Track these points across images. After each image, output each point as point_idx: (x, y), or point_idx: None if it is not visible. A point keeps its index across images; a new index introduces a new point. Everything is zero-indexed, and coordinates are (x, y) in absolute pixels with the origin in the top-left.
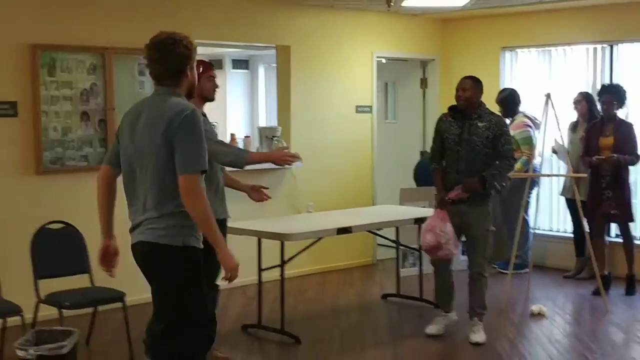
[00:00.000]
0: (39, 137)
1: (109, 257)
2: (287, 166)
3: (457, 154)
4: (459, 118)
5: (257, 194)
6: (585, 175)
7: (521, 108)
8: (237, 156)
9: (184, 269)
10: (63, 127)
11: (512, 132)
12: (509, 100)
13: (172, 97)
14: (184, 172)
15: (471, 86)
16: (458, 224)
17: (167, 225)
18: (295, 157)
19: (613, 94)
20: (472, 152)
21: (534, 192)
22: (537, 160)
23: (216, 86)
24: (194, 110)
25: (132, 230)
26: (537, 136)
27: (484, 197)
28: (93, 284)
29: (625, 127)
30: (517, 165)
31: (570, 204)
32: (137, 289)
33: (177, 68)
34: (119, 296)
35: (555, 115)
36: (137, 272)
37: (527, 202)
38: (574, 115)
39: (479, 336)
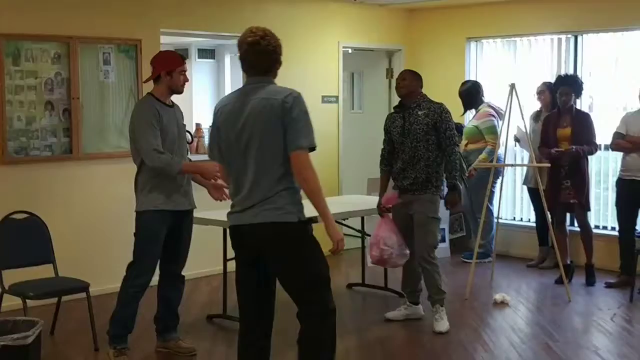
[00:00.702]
0: (3, 126)
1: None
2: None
3: (402, 145)
4: (401, 111)
5: (218, 192)
6: (548, 164)
7: (486, 98)
8: (168, 164)
9: (304, 242)
10: (27, 116)
11: (476, 122)
12: (471, 92)
13: (272, 84)
14: (297, 147)
15: (409, 76)
16: (406, 213)
17: (283, 203)
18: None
19: (570, 85)
20: (414, 141)
21: (498, 181)
22: (501, 150)
23: (186, 80)
24: (299, 93)
25: (238, 212)
26: (501, 126)
27: (427, 184)
28: (57, 274)
29: (582, 118)
30: (482, 155)
31: (533, 193)
32: (101, 280)
33: (274, 60)
34: (83, 286)
35: (520, 105)
36: (101, 263)
37: (492, 192)
38: (537, 105)
39: (441, 325)
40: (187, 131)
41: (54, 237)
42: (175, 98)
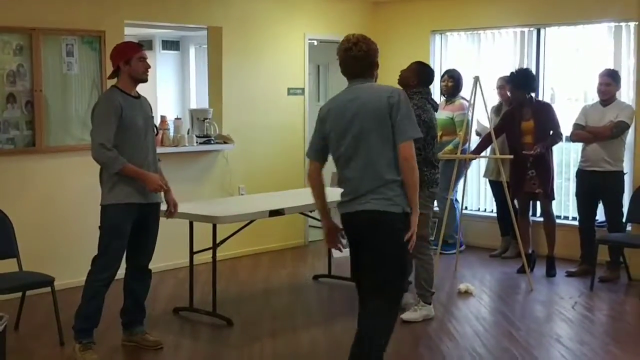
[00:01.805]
0: None
1: (334, 236)
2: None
3: None
4: None
5: (171, 208)
6: (511, 156)
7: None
8: (110, 160)
9: (402, 230)
10: None
11: (451, 114)
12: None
13: (372, 83)
14: (406, 139)
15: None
16: None
17: (393, 194)
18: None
19: (522, 87)
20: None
21: (464, 173)
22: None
23: (148, 67)
24: (402, 89)
25: (348, 201)
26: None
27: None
28: (21, 269)
29: (543, 109)
30: (449, 147)
31: (494, 185)
32: (66, 274)
33: (369, 63)
34: (48, 280)
35: (483, 97)
36: (66, 256)
37: (456, 184)
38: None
39: (409, 314)
40: (153, 123)
41: (18, 231)
42: (139, 89)
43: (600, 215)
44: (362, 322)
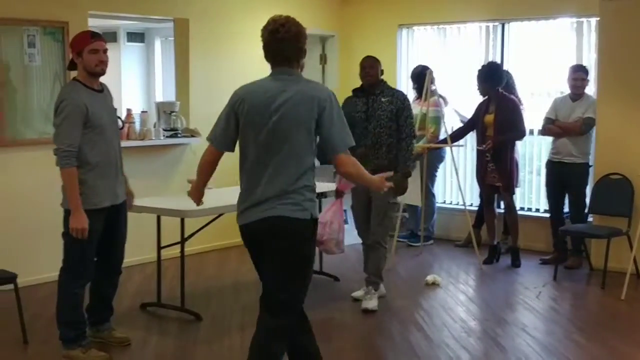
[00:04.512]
0: None
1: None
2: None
3: (365, 130)
4: (363, 96)
5: (129, 200)
6: (461, 145)
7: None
8: (61, 157)
9: (311, 239)
10: None
11: (424, 110)
12: (421, 77)
13: (301, 76)
14: (341, 150)
15: (375, 64)
16: (366, 197)
17: (302, 199)
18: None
19: (491, 81)
20: (377, 127)
21: (441, 166)
22: (442, 137)
23: (101, 59)
24: (334, 93)
25: (251, 206)
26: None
27: (389, 169)
28: None
29: (505, 104)
30: (419, 143)
31: None
32: (29, 270)
33: (303, 48)
34: (10, 277)
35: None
36: (28, 253)
37: (434, 176)
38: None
39: (369, 303)
40: (118, 117)
41: None
42: (104, 81)
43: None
44: (257, 342)
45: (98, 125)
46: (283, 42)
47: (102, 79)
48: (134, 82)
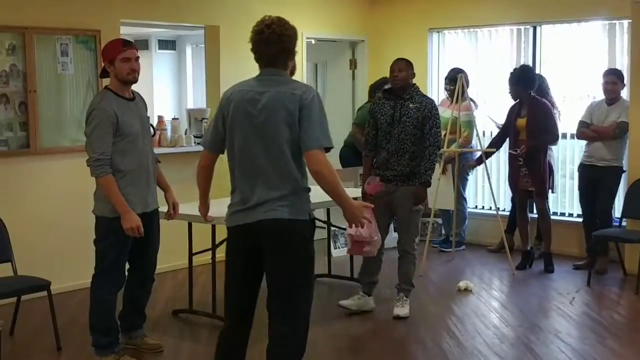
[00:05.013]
0: None
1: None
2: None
3: (389, 134)
4: (392, 99)
5: (171, 210)
6: (493, 150)
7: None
8: (95, 166)
9: (312, 240)
10: None
11: (456, 114)
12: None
13: (287, 77)
14: (315, 147)
15: (406, 67)
16: (387, 203)
17: (299, 200)
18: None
19: (523, 83)
20: (402, 133)
21: (475, 171)
22: (474, 142)
23: (133, 67)
24: (316, 91)
25: (246, 209)
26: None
27: (412, 177)
28: (16, 273)
29: (537, 107)
30: (452, 147)
31: None
32: (62, 278)
33: (289, 49)
34: (44, 285)
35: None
36: (61, 260)
37: (465, 181)
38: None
39: (401, 310)
40: (150, 124)
41: (12, 234)
42: (136, 89)
43: None
44: (272, 350)
45: (129, 133)
46: (268, 43)
47: (133, 87)
48: (166, 89)
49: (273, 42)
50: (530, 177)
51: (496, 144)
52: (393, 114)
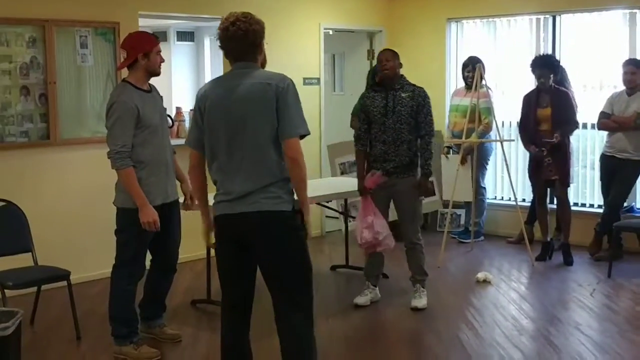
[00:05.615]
0: None
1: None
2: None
3: (383, 125)
4: (382, 91)
5: (188, 200)
6: (512, 139)
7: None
8: (115, 159)
9: (300, 229)
10: (2, 102)
11: (475, 101)
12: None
13: (259, 69)
14: (293, 134)
15: (392, 57)
16: (388, 194)
17: (281, 192)
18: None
19: (548, 67)
20: (398, 123)
21: (491, 160)
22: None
23: (162, 60)
24: (291, 80)
25: (233, 199)
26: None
27: (412, 167)
28: (36, 263)
29: (561, 97)
30: (473, 137)
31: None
32: (81, 268)
33: (256, 44)
34: (63, 275)
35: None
36: (81, 250)
37: (485, 170)
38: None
39: (419, 302)
40: (168, 115)
41: (32, 225)
42: (154, 80)
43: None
44: (287, 340)
45: (149, 124)
46: (234, 39)
47: (155, 78)
48: (184, 81)
49: (239, 38)
50: (555, 166)
51: (531, 137)
52: (386, 104)
